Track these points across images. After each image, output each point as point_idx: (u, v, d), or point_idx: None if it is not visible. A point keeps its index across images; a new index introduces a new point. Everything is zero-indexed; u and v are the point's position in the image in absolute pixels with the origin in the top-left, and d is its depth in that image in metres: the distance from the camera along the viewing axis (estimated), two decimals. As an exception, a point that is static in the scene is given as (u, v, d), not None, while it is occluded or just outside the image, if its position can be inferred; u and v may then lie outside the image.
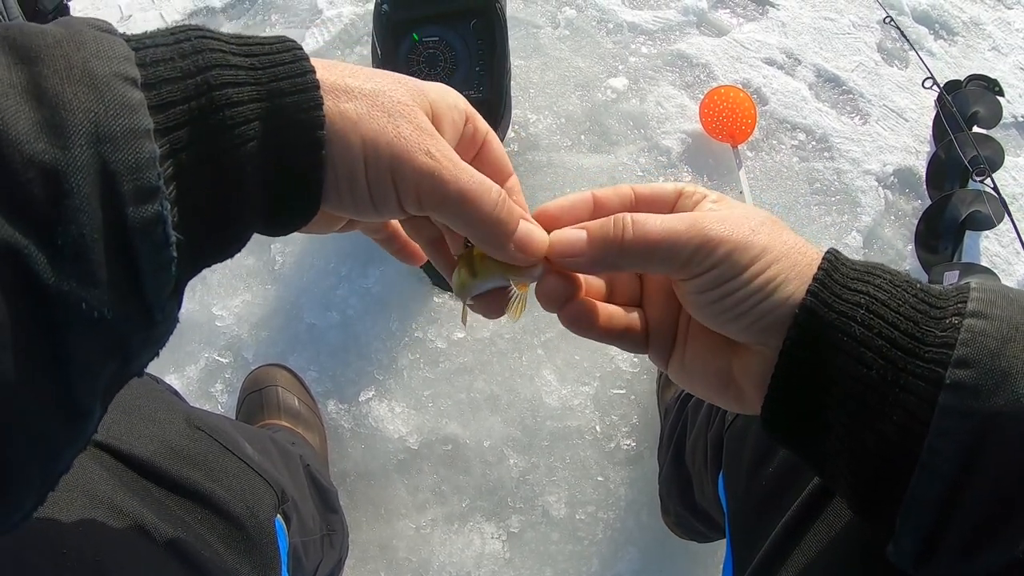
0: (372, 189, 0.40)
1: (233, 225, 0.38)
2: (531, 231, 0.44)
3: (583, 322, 0.46)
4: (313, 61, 0.38)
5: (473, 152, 0.48)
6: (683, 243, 0.41)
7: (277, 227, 0.41)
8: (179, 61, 0.34)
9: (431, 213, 0.42)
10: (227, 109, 0.35)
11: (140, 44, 0.34)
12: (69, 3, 1.80)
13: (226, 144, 0.35)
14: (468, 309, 0.50)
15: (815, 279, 0.40)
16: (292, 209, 0.40)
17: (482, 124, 0.48)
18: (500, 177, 0.48)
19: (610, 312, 0.47)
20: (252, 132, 0.36)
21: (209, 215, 0.36)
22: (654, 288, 0.49)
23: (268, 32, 1.74)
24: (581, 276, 0.48)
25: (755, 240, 0.41)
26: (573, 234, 0.45)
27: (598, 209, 0.47)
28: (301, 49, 0.38)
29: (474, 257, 0.47)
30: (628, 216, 0.43)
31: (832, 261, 0.41)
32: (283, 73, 0.37)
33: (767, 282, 0.40)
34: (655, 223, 0.42)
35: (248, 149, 0.36)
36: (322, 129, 0.37)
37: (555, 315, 0.47)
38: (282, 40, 0.39)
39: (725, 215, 0.42)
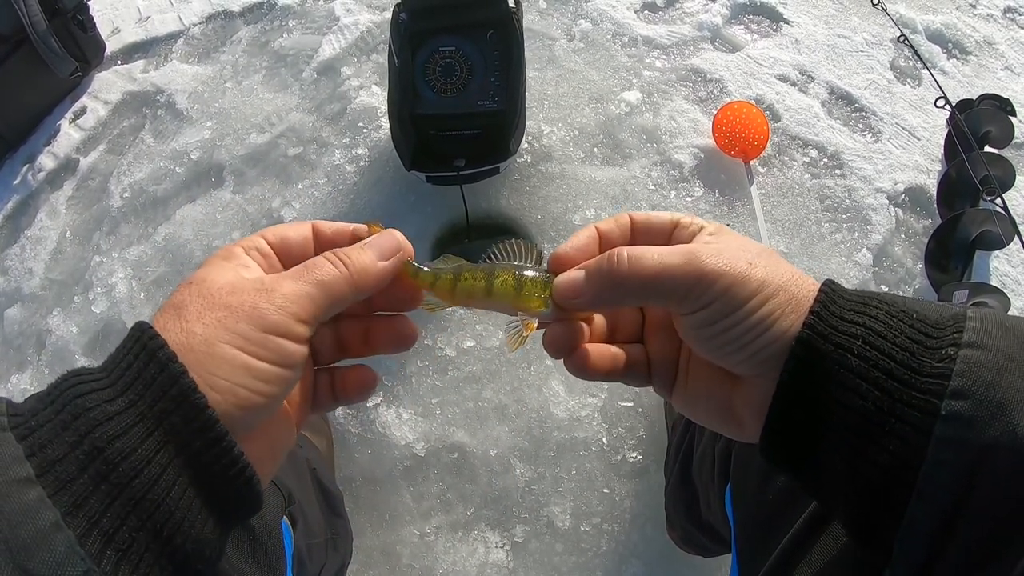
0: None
1: (193, 550, 0.38)
2: (366, 268, 0.44)
3: (587, 369, 0.47)
4: (156, 324, 0.39)
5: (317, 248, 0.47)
6: (680, 277, 0.42)
7: (233, 518, 0.41)
8: (63, 434, 0.35)
9: (322, 318, 0.43)
10: (123, 463, 0.35)
11: (27, 428, 0.35)
12: (89, 2, 1.83)
13: (140, 491, 0.35)
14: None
15: (812, 311, 0.41)
16: (236, 501, 0.40)
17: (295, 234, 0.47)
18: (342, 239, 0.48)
19: (613, 352, 0.48)
20: (158, 468, 0.36)
21: (166, 556, 0.36)
22: (655, 323, 0.50)
23: (285, 38, 1.77)
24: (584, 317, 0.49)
25: (753, 273, 0.41)
26: (572, 275, 0.46)
27: (602, 243, 0.48)
28: (158, 342, 0.38)
29: (495, 275, 0.48)
30: (624, 251, 0.43)
31: (829, 293, 0.41)
32: (160, 394, 0.37)
33: (766, 316, 0.41)
34: (650, 257, 0.42)
35: (163, 482, 0.36)
36: (226, 436, 0.38)
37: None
38: (140, 343, 0.38)
39: (721, 248, 0.43)
